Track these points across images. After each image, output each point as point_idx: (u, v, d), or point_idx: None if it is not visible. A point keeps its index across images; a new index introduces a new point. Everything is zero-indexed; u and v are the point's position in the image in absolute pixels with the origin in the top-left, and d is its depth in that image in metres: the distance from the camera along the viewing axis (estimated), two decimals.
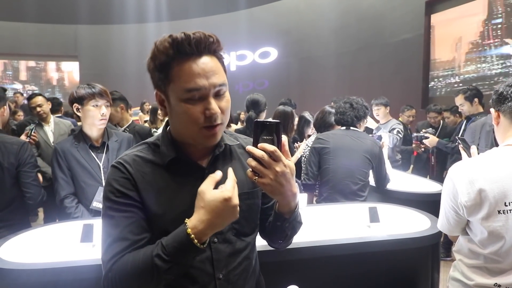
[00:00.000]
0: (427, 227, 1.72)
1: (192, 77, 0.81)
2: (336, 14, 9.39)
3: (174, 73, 0.82)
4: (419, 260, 1.70)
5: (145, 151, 0.93)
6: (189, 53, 0.82)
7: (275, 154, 0.79)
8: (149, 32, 12.04)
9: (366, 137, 2.49)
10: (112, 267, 0.82)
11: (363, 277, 1.60)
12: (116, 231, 0.84)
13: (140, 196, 0.87)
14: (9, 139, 1.95)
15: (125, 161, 0.90)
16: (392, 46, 8.20)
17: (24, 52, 12.09)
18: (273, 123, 0.81)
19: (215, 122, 0.84)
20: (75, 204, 1.92)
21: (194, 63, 0.82)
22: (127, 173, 0.87)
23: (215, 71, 0.83)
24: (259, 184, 0.81)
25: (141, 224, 0.86)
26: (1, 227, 1.82)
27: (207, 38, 0.83)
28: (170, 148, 0.91)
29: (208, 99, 0.83)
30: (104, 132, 2.04)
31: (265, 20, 11.00)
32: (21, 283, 1.35)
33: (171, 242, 0.78)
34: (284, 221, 0.93)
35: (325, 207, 2.17)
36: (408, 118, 4.77)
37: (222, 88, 0.85)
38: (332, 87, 8.68)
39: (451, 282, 1.31)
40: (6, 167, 1.86)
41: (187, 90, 0.81)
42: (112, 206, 0.86)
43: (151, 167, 0.90)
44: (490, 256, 1.17)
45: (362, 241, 1.56)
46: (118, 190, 0.86)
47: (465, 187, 1.16)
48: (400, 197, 2.50)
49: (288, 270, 1.52)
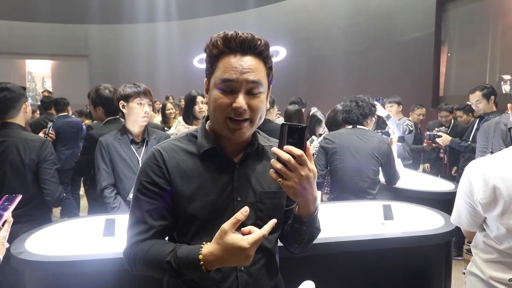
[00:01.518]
0: (441, 225, 1.73)
1: (229, 69, 0.88)
2: (346, 13, 9.35)
3: (218, 64, 0.91)
4: (432, 257, 1.72)
5: (183, 140, 1.01)
6: (234, 49, 0.89)
7: (302, 158, 0.80)
8: (158, 31, 12.15)
9: (373, 135, 2.50)
10: (133, 247, 0.93)
11: (377, 273, 1.63)
12: (139, 212, 0.94)
13: (170, 182, 0.94)
14: (31, 136, 2.01)
15: (163, 148, 0.97)
16: (402, 44, 8.14)
17: (36, 52, 12.28)
18: (300, 127, 0.81)
19: (240, 116, 0.88)
20: (113, 195, 2.01)
21: (235, 58, 0.89)
22: (161, 160, 0.95)
23: (252, 69, 0.89)
24: (283, 186, 0.83)
25: (161, 212, 0.93)
26: (23, 222, 1.87)
27: (254, 40, 0.90)
28: (206, 140, 0.97)
29: (238, 93, 0.88)
30: (145, 129, 2.14)
31: (273, 19, 11.00)
32: (47, 274, 1.41)
33: (184, 256, 0.84)
34: (302, 223, 0.96)
35: (339, 205, 2.19)
36: (418, 116, 4.76)
37: (255, 86, 0.89)
38: (341, 86, 8.66)
39: (468, 277, 1.33)
40: (27, 163, 1.92)
41: (222, 79, 0.88)
42: (141, 189, 0.95)
43: (187, 156, 0.97)
44: (506, 251, 1.18)
45: (376, 238, 1.58)
46: (148, 175, 0.94)
47: (481, 184, 1.18)
48: (412, 195, 2.51)
49: (303, 266, 1.55)
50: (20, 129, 1.98)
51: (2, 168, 1.90)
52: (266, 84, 0.94)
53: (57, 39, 12.14)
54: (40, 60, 12.75)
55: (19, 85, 2.02)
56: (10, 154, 1.90)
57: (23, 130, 2.01)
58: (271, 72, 0.97)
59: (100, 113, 2.55)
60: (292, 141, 0.81)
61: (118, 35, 12.44)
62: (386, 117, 3.62)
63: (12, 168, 1.91)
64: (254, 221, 0.97)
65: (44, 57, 12.64)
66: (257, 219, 0.97)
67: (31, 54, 12.39)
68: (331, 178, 2.54)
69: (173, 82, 11.37)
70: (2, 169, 1.90)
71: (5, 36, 11.75)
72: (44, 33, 12.00)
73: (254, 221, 0.97)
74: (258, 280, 1.00)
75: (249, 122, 0.91)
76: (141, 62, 12.05)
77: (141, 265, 0.90)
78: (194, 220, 0.94)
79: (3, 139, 1.92)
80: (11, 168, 1.90)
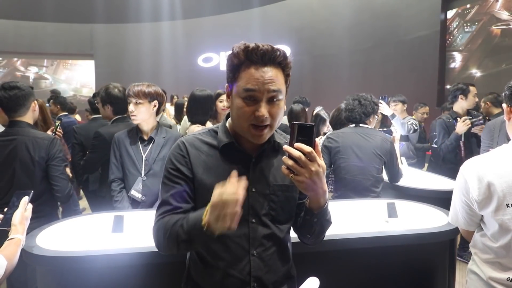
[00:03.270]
0: (445, 222, 1.74)
1: (251, 80, 0.96)
2: (350, 11, 9.33)
3: (240, 74, 0.98)
4: (436, 255, 1.73)
5: (204, 135, 1.11)
6: (255, 61, 0.96)
7: (312, 155, 0.87)
8: (163, 30, 12.20)
9: (376, 134, 2.51)
10: (157, 222, 1.03)
11: (381, 270, 1.64)
12: (165, 195, 1.04)
13: (192, 171, 1.04)
14: (40, 134, 2.05)
15: (186, 140, 1.08)
16: (407, 43, 8.11)
17: (42, 51, 12.38)
18: (309, 126, 0.88)
19: (262, 123, 0.97)
20: (119, 188, 2.10)
21: (257, 69, 0.96)
22: (185, 150, 1.06)
23: (273, 79, 0.96)
24: (294, 181, 0.89)
25: (183, 195, 1.03)
26: (32, 218, 1.91)
27: (274, 51, 0.97)
28: (226, 135, 1.07)
29: (260, 103, 0.96)
30: (155, 127, 2.17)
31: (278, 17, 11.00)
32: (57, 269, 1.44)
33: (192, 219, 0.93)
34: (313, 215, 1.02)
35: (343, 203, 2.21)
36: (422, 115, 4.76)
37: (276, 95, 0.97)
38: (345, 85, 8.65)
39: (469, 275, 1.35)
40: (37, 160, 1.96)
41: (245, 89, 0.96)
42: (167, 175, 1.05)
43: (207, 148, 1.07)
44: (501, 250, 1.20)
45: (381, 235, 1.60)
46: (173, 163, 1.05)
47: (476, 182, 1.19)
48: (416, 193, 2.51)
49: (308, 262, 1.56)
50: (28, 127, 2.02)
51: (12, 166, 1.94)
52: (285, 90, 1.02)
53: (63, 39, 12.23)
54: (46, 60, 12.85)
55: (27, 85, 2.06)
56: (19, 151, 1.94)
57: (32, 128, 2.05)
58: (288, 78, 1.04)
59: (108, 112, 2.59)
60: (301, 139, 0.86)
61: (123, 34, 12.50)
62: (391, 116, 3.62)
63: (21, 165, 1.94)
64: (267, 211, 1.06)
65: (49, 56, 12.74)
66: (270, 209, 1.06)
67: (37, 54, 12.49)
68: (335, 177, 2.56)
69: (177, 81, 11.42)
70: (12, 167, 1.94)
71: (12, 35, 11.86)
72: (50, 33, 12.10)
73: (267, 211, 1.06)
74: (270, 265, 1.07)
75: (269, 127, 1.00)
76: (146, 61, 12.11)
77: (163, 235, 0.98)
78: None
79: (13, 137, 1.96)
80: (20, 165, 1.94)
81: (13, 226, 1.26)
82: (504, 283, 1.20)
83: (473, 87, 3.30)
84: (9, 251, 1.16)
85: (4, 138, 1.96)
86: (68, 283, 1.44)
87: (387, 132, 2.81)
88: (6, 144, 1.95)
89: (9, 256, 1.14)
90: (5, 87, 1.94)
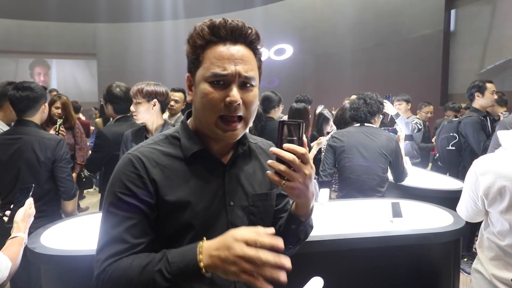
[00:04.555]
0: (450, 222, 1.73)
1: (220, 61, 0.79)
2: (353, 10, 9.30)
3: (205, 56, 0.81)
4: (441, 255, 1.72)
5: (162, 143, 0.88)
6: (223, 37, 0.80)
7: (305, 156, 0.75)
8: (166, 30, 12.21)
9: (381, 133, 2.50)
10: (106, 270, 0.75)
11: (385, 270, 1.64)
12: (115, 230, 0.78)
13: (154, 194, 0.81)
14: (47, 135, 2.07)
15: (141, 153, 0.83)
16: (410, 42, 8.08)
17: (45, 51, 12.43)
18: (297, 123, 0.77)
19: (234, 111, 0.80)
20: None
21: (226, 48, 0.80)
22: (141, 168, 0.81)
23: (245, 60, 0.81)
24: (287, 189, 0.77)
25: (143, 227, 0.79)
26: (35, 217, 1.92)
27: (245, 28, 0.82)
28: (192, 141, 0.86)
29: (231, 86, 0.80)
30: (161, 126, 2.19)
31: (280, 16, 10.98)
32: (61, 268, 1.44)
33: (178, 261, 0.71)
34: (300, 224, 0.90)
35: (348, 202, 2.20)
36: (426, 114, 4.74)
37: (249, 80, 0.81)
38: (348, 84, 8.63)
39: (474, 274, 1.34)
40: (43, 161, 1.97)
41: (213, 72, 0.79)
42: (116, 202, 0.79)
43: (171, 160, 0.85)
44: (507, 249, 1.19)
45: (385, 235, 1.59)
46: (126, 186, 0.80)
47: (487, 180, 1.19)
48: (421, 193, 2.50)
49: (312, 262, 1.56)
50: (35, 127, 2.03)
51: (17, 165, 1.95)
52: (258, 78, 0.85)
53: (66, 38, 12.28)
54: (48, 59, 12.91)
55: (41, 86, 2.08)
56: (25, 151, 1.95)
57: (39, 128, 2.06)
58: (261, 66, 0.88)
59: (110, 110, 2.60)
60: (291, 139, 0.76)
61: (125, 33, 12.54)
62: (395, 115, 3.61)
63: (26, 164, 1.95)
64: (247, 226, 0.88)
65: (52, 55, 12.79)
66: (250, 223, 0.89)
67: (40, 53, 12.54)
68: (340, 177, 2.55)
69: (180, 80, 11.32)
70: (17, 166, 1.95)
71: (15, 35, 11.92)
72: (53, 32, 12.15)
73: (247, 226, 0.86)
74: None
75: (242, 121, 0.83)
76: (148, 60, 12.13)
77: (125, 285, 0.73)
78: (190, 229, 0.82)
79: (18, 136, 1.97)
80: (25, 164, 1.95)
81: (15, 224, 1.25)
82: (508, 283, 1.19)
83: (490, 84, 3.20)
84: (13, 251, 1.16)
85: (10, 137, 1.97)
86: (72, 282, 1.44)
87: (392, 132, 2.80)
88: (12, 142, 1.96)
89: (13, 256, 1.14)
90: (19, 87, 1.96)
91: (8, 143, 1.96)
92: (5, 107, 2.33)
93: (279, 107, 3.47)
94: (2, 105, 2.35)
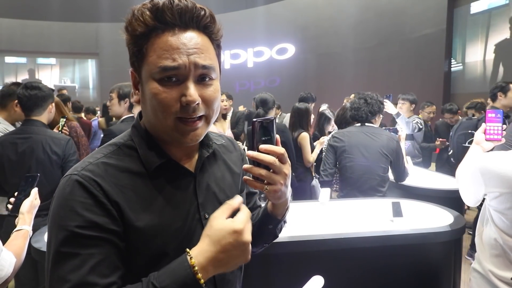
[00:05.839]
0: (450, 222, 1.74)
1: (169, 52, 0.65)
2: (355, 9, 9.30)
3: (149, 47, 0.66)
4: (442, 254, 1.73)
5: (116, 156, 0.71)
6: (170, 23, 0.66)
7: (284, 156, 0.69)
8: None
9: (382, 133, 2.50)
10: None
11: (386, 269, 1.64)
12: (78, 274, 0.61)
13: (120, 219, 0.66)
14: (56, 134, 2.12)
15: (92, 172, 0.66)
16: (412, 41, 8.07)
17: (48, 50, 12.49)
18: (270, 121, 0.70)
19: (194, 113, 0.67)
20: None
21: (174, 35, 0.66)
22: (97, 190, 0.65)
23: (200, 49, 0.67)
24: (269, 193, 0.71)
25: (112, 261, 0.64)
26: (44, 215, 1.94)
27: (197, 9, 0.67)
28: (154, 151, 0.72)
29: (186, 83, 0.66)
30: None
31: (283, 16, 10.98)
32: None
33: (169, 282, 0.60)
34: (277, 223, 0.85)
35: (348, 202, 2.21)
36: (428, 114, 4.72)
37: (207, 72, 0.68)
38: (350, 84, 8.62)
39: (473, 274, 1.35)
40: (54, 159, 2.02)
41: (161, 67, 0.65)
42: (73, 239, 0.62)
43: (131, 178, 0.69)
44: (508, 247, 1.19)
45: (385, 235, 1.60)
46: (83, 217, 0.63)
47: (492, 180, 1.19)
48: (422, 193, 2.50)
49: (313, 261, 1.57)
50: (43, 126, 2.07)
51: (28, 163, 1.97)
52: (218, 68, 0.72)
53: (68, 38, 12.34)
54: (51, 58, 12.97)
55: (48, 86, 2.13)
56: (36, 150, 1.98)
57: (46, 127, 2.10)
58: (220, 53, 0.74)
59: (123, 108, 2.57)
60: (265, 138, 0.69)
61: None
62: (395, 114, 3.61)
63: (37, 163, 1.98)
64: None
65: (55, 55, 12.85)
66: None
67: (43, 53, 12.60)
68: (340, 177, 2.56)
69: None
70: (28, 164, 1.97)
71: (18, 34, 11.98)
72: (55, 32, 12.21)
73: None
74: None
75: (204, 119, 0.70)
76: None
77: None
78: (164, 256, 0.68)
79: (28, 135, 2.00)
80: (36, 163, 1.98)
81: (21, 215, 1.24)
82: (508, 282, 1.19)
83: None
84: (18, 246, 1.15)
85: (20, 136, 2.00)
86: None
87: (393, 131, 2.80)
88: (22, 142, 1.99)
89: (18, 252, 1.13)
90: (27, 87, 2.01)
91: (17, 142, 1.98)
92: (9, 107, 2.36)
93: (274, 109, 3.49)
94: (6, 105, 2.37)
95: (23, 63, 12.74)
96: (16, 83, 2.37)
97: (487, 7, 6.82)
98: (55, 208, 0.65)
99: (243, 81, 11.46)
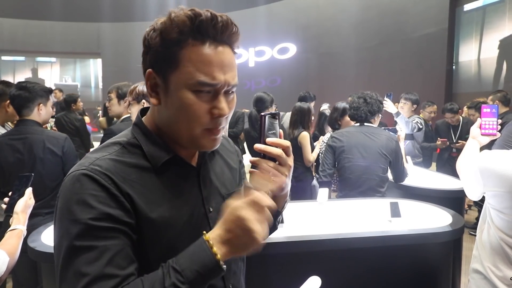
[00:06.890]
0: (449, 222, 1.73)
1: (209, 68, 0.66)
2: (357, 9, 9.27)
3: (185, 56, 0.66)
4: (440, 255, 1.72)
5: (121, 154, 0.72)
6: (210, 36, 0.67)
7: (289, 149, 0.72)
8: None
9: (381, 133, 2.48)
10: None
11: (384, 270, 1.64)
12: (96, 267, 0.61)
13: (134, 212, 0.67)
14: (52, 133, 2.13)
15: (101, 166, 0.67)
16: (414, 40, 8.04)
17: (50, 50, 12.53)
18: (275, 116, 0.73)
19: (220, 124, 0.71)
20: None
21: (213, 50, 0.67)
22: (109, 183, 0.66)
23: (232, 67, 0.70)
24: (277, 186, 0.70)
25: (128, 253, 0.65)
26: (44, 214, 1.96)
27: (233, 26, 0.69)
28: (159, 147, 0.74)
29: (219, 97, 0.69)
30: None
31: (284, 15, 10.97)
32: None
33: (189, 265, 0.61)
34: (278, 214, 0.86)
35: (347, 202, 2.20)
36: (429, 114, 4.70)
37: (233, 88, 0.72)
38: (351, 83, 8.61)
39: (472, 275, 1.33)
40: (53, 158, 2.02)
41: (200, 82, 0.66)
42: (88, 232, 0.62)
43: (139, 173, 0.71)
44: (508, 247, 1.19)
45: (383, 235, 1.59)
46: (96, 208, 0.63)
47: (491, 179, 1.18)
48: (421, 193, 2.49)
49: (311, 261, 1.57)
50: (37, 125, 2.05)
51: (29, 163, 1.97)
52: None
53: (70, 37, 12.38)
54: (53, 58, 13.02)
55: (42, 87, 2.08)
56: (34, 149, 1.98)
57: (40, 126, 2.09)
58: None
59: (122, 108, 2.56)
60: (271, 132, 0.72)
61: (129, 33, 12.57)
62: (395, 114, 3.59)
63: (36, 163, 1.98)
64: None
65: (57, 55, 12.89)
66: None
67: (45, 52, 12.64)
68: (339, 177, 2.54)
69: None
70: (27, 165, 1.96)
71: (21, 34, 12.03)
72: (58, 32, 12.26)
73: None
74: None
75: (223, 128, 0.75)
76: None
77: None
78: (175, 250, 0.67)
79: (24, 135, 1.99)
80: (35, 163, 1.98)
81: (15, 215, 1.23)
82: (507, 282, 1.18)
83: None
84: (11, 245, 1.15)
85: (15, 137, 2.00)
86: None
87: (392, 131, 2.79)
88: (18, 143, 1.98)
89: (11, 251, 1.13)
90: (17, 86, 2.01)
91: (14, 143, 1.98)
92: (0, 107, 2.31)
93: (272, 108, 3.48)
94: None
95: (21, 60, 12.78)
96: (4, 81, 2.33)
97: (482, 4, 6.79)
98: (65, 204, 0.65)
99: (244, 80, 11.46)
